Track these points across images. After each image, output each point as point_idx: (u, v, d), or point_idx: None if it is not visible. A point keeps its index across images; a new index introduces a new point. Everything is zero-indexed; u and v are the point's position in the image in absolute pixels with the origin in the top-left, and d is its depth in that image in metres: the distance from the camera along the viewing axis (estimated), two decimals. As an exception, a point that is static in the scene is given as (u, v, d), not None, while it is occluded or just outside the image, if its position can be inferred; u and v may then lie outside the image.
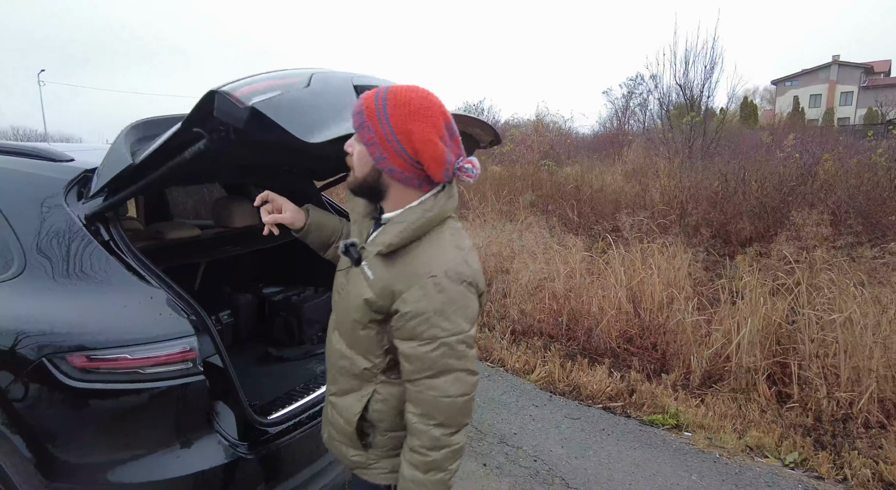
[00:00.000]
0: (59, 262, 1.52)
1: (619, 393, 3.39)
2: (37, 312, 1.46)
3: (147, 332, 1.42)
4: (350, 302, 1.16)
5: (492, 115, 21.84)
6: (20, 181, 1.66)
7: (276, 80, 1.36)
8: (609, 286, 4.54)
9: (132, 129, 1.57)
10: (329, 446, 1.34)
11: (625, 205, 7.31)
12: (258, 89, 1.26)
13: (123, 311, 1.44)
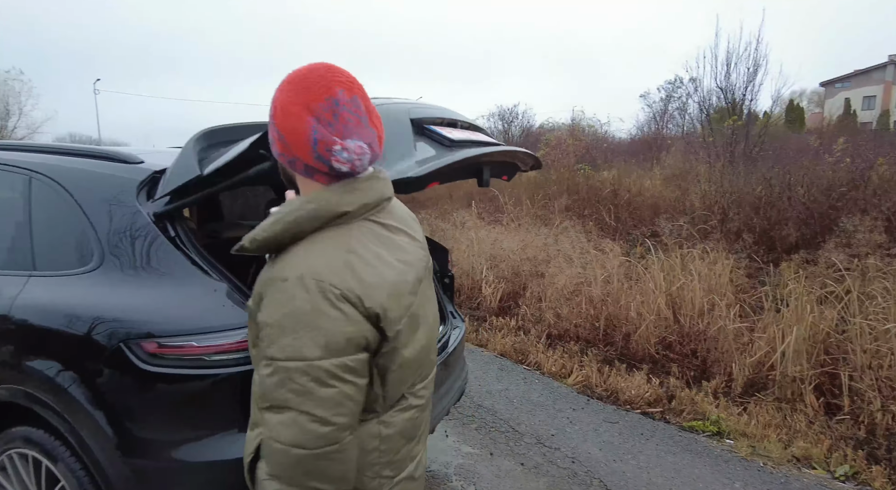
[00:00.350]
0: (132, 256, 1.64)
1: (658, 398, 3.35)
2: (114, 302, 1.57)
3: (211, 322, 1.52)
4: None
5: (526, 120, 21.78)
6: (99, 182, 1.80)
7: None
8: (648, 292, 4.49)
9: (201, 137, 1.69)
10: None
11: (664, 209, 7.20)
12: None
13: (189, 302, 1.55)
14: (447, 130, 2.03)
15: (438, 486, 2.45)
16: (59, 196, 1.81)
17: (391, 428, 0.95)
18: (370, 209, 0.93)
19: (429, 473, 2.54)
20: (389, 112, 1.62)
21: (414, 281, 0.96)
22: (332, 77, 0.89)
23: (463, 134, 2.09)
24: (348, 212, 0.90)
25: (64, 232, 1.78)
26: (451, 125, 2.11)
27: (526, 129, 21.27)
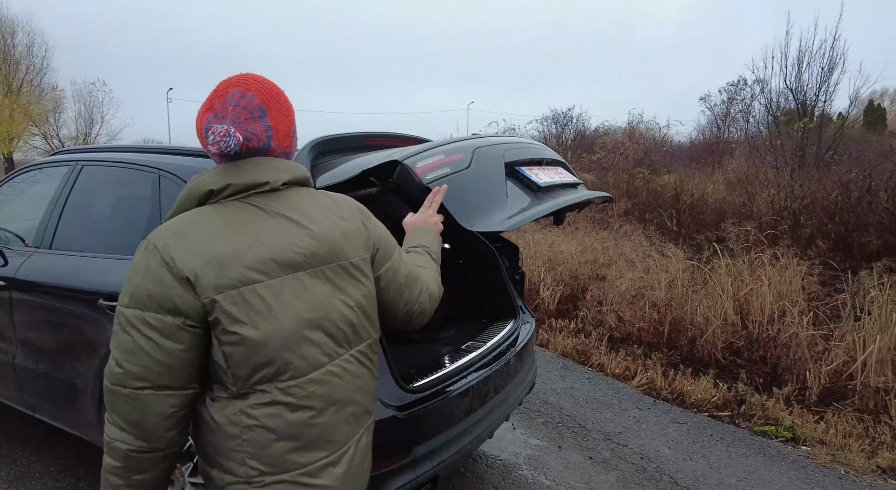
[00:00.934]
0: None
1: (727, 403, 3.32)
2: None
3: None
4: None
5: (581, 123, 21.50)
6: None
7: (446, 157, 1.80)
8: (714, 297, 4.41)
9: (314, 146, 1.90)
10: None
11: (729, 214, 7.00)
12: (431, 167, 1.70)
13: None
14: (535, 172, 2.25)
15: (509, 473, 2.55)
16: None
17: (253, 420, 0.93)
18: (240, 190, 0.98)
19: (499, 462, 2.65)
20: (486, 156, 1.95)
21: (266, 260, 0.94)
22: (238, 80, 1.02)
23: (549, 175, 2.30)
24: (213, 190, 0.97)
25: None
26: (537, 163, 2.30)
27: (580, 132, 21.00)
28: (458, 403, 1.95)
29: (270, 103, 1.02)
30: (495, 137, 2.22)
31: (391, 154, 1.78)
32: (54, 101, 26.28)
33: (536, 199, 2.05)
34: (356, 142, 2.27)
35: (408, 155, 1.71)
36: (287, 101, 1.07)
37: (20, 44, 24.40)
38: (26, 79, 24.87)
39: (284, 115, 1.05)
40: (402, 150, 1.82)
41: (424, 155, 1.74)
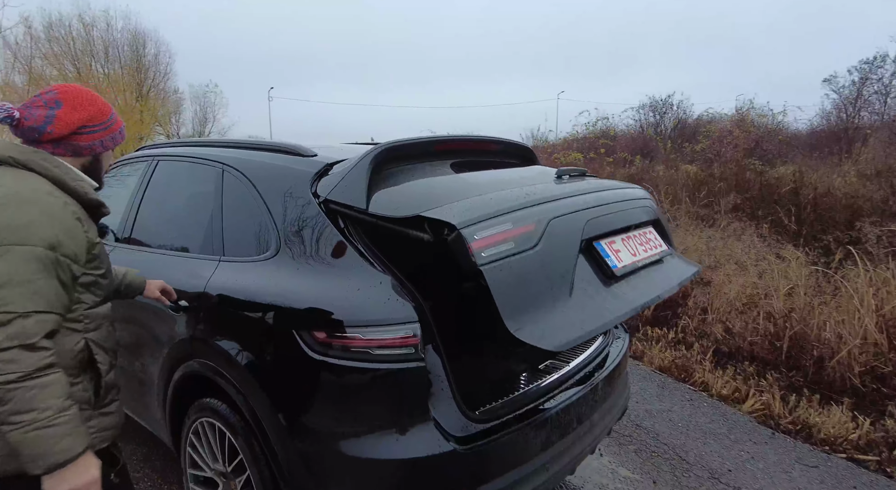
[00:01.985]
0: (304, 246, 1.69)
1: (872, 443, 2.72)
2: (289, 290, 1.63)
3: (377, 315, 1.49)
4: None
5: (682, 111, 19.92)
6: (277, 174, 1.90)
7: (514, 228, 1.55)
8: (849, 310, 3.71)
9: (378, 154, 1.73)
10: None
11: (866, 212, 5.97)
12: (492, 241, 1.46)
13: (357, 293, 1.53)
14: (616, 246, 1.92)
15: (594, 511, 2.22)
16: (246, 187, 1.94)
17: None
18: None
19: (582, 494, 2.32)
20: (562, 229, 1.67)
21: None
22: (58, 86, 1.33)
23: (633, 248, 1.97)
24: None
25: (249, 220, 1.89)
26: (624, 231, 2.00)
27: (681, 120, 19.45)
28: (534, 435, 1.66)
29: (67, 102, 1.29)
30: (579, 196, 1.87)
31: (451, 209, 1.54)
32: (175, 104, 29.11)
33: (607, 293, 1.74)
34: (425, 148, 2.05)
35: (469, 219, 1.47)
36: (91, 109, 1.33)
37: (149, 53, 27.14)
38: (153, 84, 27.63)
39: (78, 114, 1.30)
40: (466, 206, 1.57)
41: (488, 224, 1.50)
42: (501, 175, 2.12)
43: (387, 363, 1.48)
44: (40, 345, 1.11)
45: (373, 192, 1.67)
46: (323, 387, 1.53)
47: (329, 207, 1.68)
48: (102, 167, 1.43)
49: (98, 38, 24.61)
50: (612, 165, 12.81)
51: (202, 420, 1.88)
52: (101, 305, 1.37)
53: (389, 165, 1.83)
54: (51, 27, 22.61)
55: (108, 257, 1.42)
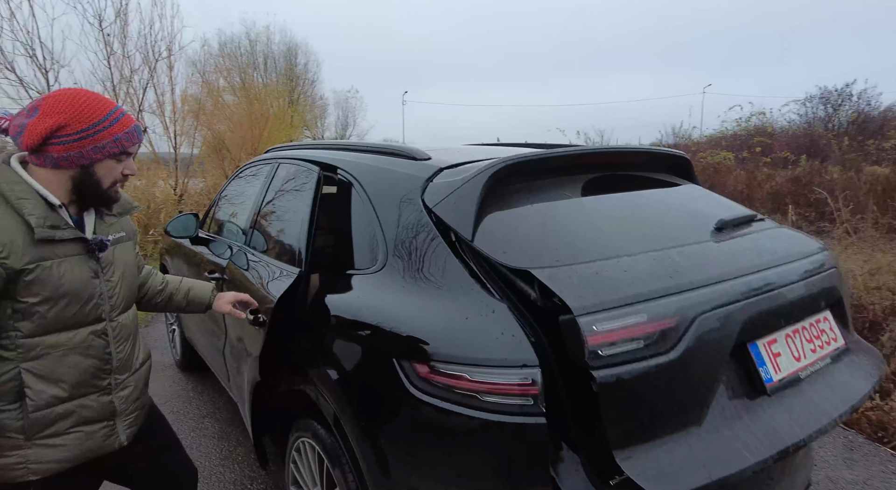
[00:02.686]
0: (411, 259, 1.48)
1: None
2: (393, 310, 1.43)
3: (487, 353, 1.22)
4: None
5: (863, 101, 16.82)
6: (387, 178, 1.72)
7: (648, 322, 1.20)
8: None
9: (498, 171, 1.49)
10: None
11: None
12: (616, 336, 1.17)
13: (465, 323, 1.28)
14: (778, 347, 1.44)
15: None
16: (357, 192, 1.79)
17: None
18: None
19: None
20: (712, 327, 1.28)
21: None
22: (51, 92, 1.27)
23: (798, 349, 1.49)
24: None
25: (359, 228, 1.75)
26: (793, 321, 1.50)
27: (862, 112, 16.42)
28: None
29: (43, 109, 1.20)
30: (742, 278, 1.42)
31: (572, 279, 1.26)
32: (321, 109, 31.74)
33: (751, 421, 1.30)
34: (552, 164, 1.68)
35: (593, 304, 1.18)
36: (63, 116, 1.19)
37: (300, 63, 29.92)
38: (302, 91, 30.38)
39: (50, 124, 1.18)
40: (592, 278, 1.28)
41: (616, 314, 1.18)
42: (644, 211, 1.73)
43: (498, 414, 1.20)
44: None
45: (483, 216, 1.43)
46: (423, 430, 1.30)
47: (438, 217, 1.46)
48: (101, 180, 1.27)
49: (259, 51, 27.69)
50: (770, 166, 11.18)
51: (304, 439, 1.77)
52: (49, 335, 1.24)
53: (509, 182, 1.56)
54: (225, 45, 25.94)
55: (70, 282, 1.24)
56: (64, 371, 1.26)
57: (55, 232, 1.22)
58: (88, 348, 1.30)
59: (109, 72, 7.77)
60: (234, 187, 3.04)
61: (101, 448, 1.35)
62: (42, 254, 1.20)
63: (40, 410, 1.24)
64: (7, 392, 1.21)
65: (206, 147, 12.54)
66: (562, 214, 1.57)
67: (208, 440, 2.87)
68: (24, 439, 1.23)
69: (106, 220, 1.38)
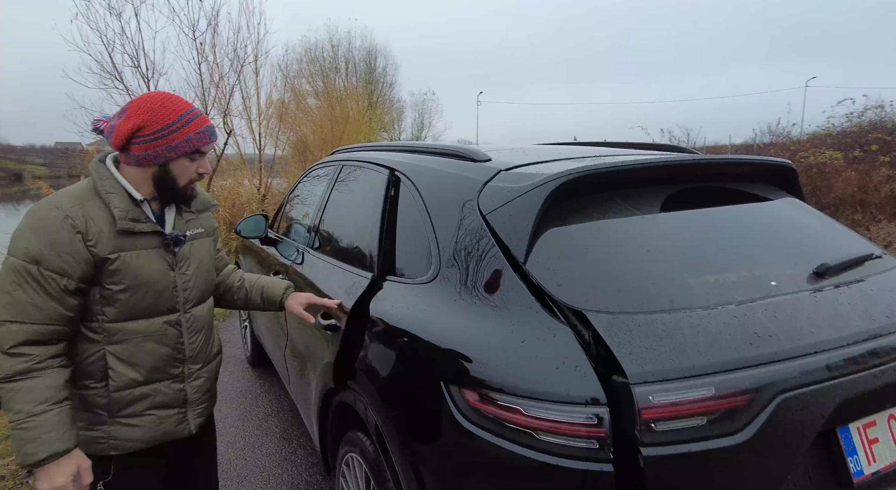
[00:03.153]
0: (465, 271, 1.35)
1: None
2: (443, 326, 1.31)
3: (545, 385, 1.06)
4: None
5: None
6: (442, 181, 1.60)
7: (716, 399, 1.00)
8: None
9: (563, 184, 1.30)
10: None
11: None
12: (676, 413, 0.99)
13: (521, 347, 1.13)
14: (876, 433, 1.16)
15: None
16: (412, 195, 1.69)
17: None
18: None
19: None
20: (791, 408, 1.03)
21: None
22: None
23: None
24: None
25: (413, 234, 1.64)
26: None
27: None
28: None
29: (128, 111, 1.28)
30: (844, 349, 1.13)
31: (631, 334, 1.07)
32: (398, 111, 32.42)
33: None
34: (630, 176, 1.43)
35: (652, 371, 1.01)
36: (142, 117, 1.26)
37: (379, 66, 30.74)
38: (380, 93, 31.18)
39: (132, 124, 1.26)
40: (657, 337, 1.07)
41: (679, 385, 1.00)
42: (730, 241, 1.41)
43: (556, 456, 1.04)
44: (15, 352, 1.17)
45: (541, 234, 1.27)
46: (470, 465, 1.16)
47: (492, 226, 1.32)
48: (177, 178, 1.33)
49: (341, 56, 28.77)
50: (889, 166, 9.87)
51: (352, 453, 1.70)
52: (129, 321, 1.32)
53: (576, 195, 1.36)
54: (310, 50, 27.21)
55: (148, 273, 1.31)
56: (141, 356, 1.34)
57: (135, 225, 1.30)
58: (163, 337, 1.37)
59: (200, 78, 8.29)
60: (302, 189, 3.06)
61: (172, 433, 1.43)
62: (124, 244, 1.29)
63: (120, 391, 1.33)
64: (95, 371, 1.31)
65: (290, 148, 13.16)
66: (632, 243, 1.32)
67: (270, 439, 2.91)
68: (108, 416, 1.33)
69: (185, 216, 1.44)
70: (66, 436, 1.21)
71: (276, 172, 11.70)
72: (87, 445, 1.32)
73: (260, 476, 2.55)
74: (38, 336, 1.20)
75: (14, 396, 1.17)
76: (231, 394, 3.47)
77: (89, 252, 1.23)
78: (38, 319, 1.20)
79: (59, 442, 1.19)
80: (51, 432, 1.18)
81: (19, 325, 1.18)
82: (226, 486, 2.46)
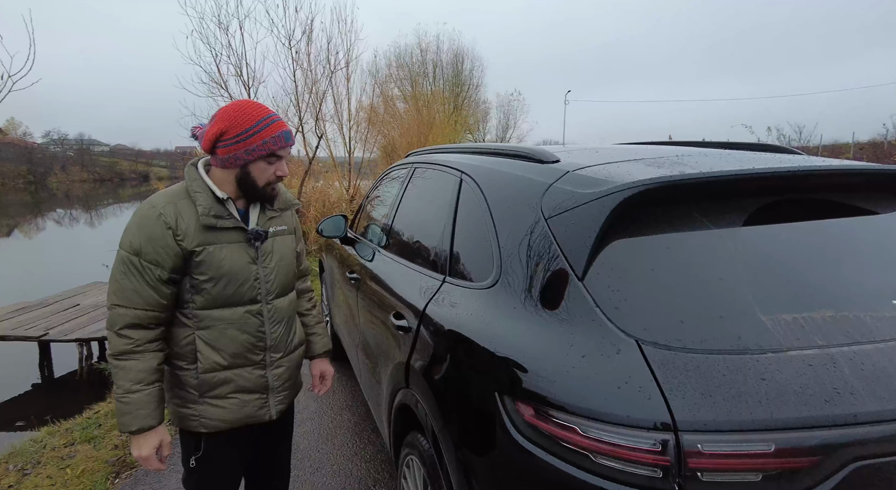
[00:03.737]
0: (526, 278, 1.29)
1: None
2: (500, 334, 1.26)
3: (605, 405, 0.98)
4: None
5: None
6: (507, 183, 1.55)
7: (778, 457, 0.88)
8: None
9: (640, 193, 1.17)
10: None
11: None
12: (726, 466, 0.89)
13: (582, 363, 1.05)
14: None
15: None
16: (477, 198, 1.66)
17: None
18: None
19: None
20: (866, 477, 0.90)
21: None
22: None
23: None
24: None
25: (476, 237, 1.60)
26: None
27: None
28: None
29: (215, 117, 1.40)
30: None
31: (692, 395, 0.95)
32: (483, 113, 32.49)
33: None
34: (733, 186, 1.24)
35: (705, 422, 0.91)
36: (225, 123, 1.37)
37: (466, 69, 30.99)
38: (466, 95, 31.43)
39: (217, 130, 1.38)
40: (716, 393, 0.94)
41: (735, 438, 0.90)
42: (820, 270, 1.18)
43: (615, 482, 0.95)
44: (122, 333, 1.33)
45: (604, 247, 1.17)
46: (523, 481, 1.10)
47: (553, 232, 1.25)
48: (256, 179, 1.43)
49: (429, 60, 29.35)
50: None
51: (412, 456, 1.69)
52: (215, 309, 1.43)
53: (651, 206, 1.22)
54: (400, 56, 28.07)
55: (230, 265, 1.42)
56: (225, 342, 1.45)
57: (217, 221, 1.41)
58: (244, 325, 1.47)
59: (294, 84, 8.83)
60: (378, 191, 3.13)
61: (254, 417, 1.53)
62: (208, 239, 1.40)
63: (207, 373, 1.45)
64: (187, 354, 1.44)
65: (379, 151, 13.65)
66: (703, 266, 1.15)
67: (343, 433, 3.00)
68: (198, 396, 1.46)
69: (268, 213, 1.54)
70: (153, 414, 1.37)
71: (364, 174, 12.18)
72: (182, 421, 1.48)
73: (331, 469, 2.64)
74: (138, 320, 1.34)
75: (118, 373, 1.34)
76: (309, 384, 3.63)
77: (178, 246, 1.35)
78: (140, 305, 1.34)
79: (147, 418, 1.35)
80: (142, 409, 1.34)
81: (125, 309, 1.33)
82: (300, 475, 2.57)
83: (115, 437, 3.07)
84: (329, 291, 3.80)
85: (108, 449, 2.93)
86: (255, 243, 1.47)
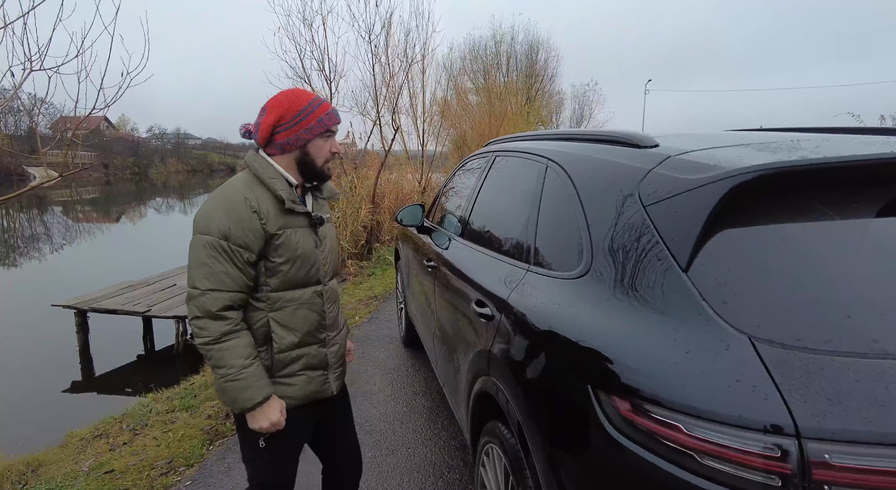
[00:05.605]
0: (622, 268, 1.23)
1: None
2: (594, 326, 1.21)
3: (713, 403, 0.92)
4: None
5: None
6: (599, 169, 1.48)
7: None
8: None
9: (758, 177, 1.07)
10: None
11: None
12: (857, 482, 0.80)
13: (686, 358, 0.99)
14: None
15: None
16: (565, 185, 1.60)
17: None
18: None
19: None
20: None
21: None
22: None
23: None
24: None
25: (563, 225, 1.56)
26: None
27: None
28: None
29: (267, 108, 1.47)
30: None
31: (816, 399, 0.87)
32: (557, 104, 31.76)
33: None
34: (870, 171, 1.10)
35: (833, 430, 0.83)
36: (279, 110, 1.46)
37: (540, 60, 30.39)
38: (540, 87, 30.82)
39: (273, 117, 1.46)
40: (847, 399, 0.85)
41: (869, 451, 0.81)
42: None
43: (724, 487, 0.89)
44: (221, 315, 1.37)
45: (711, 236, 1.08)
46: (618, 479, 1.06)
47: (653, 220, 1.18)
48: (315, 158, 1.50)
49: (503, 51, 29.03)
50: None
51: (492, 445, 1.68)
52: (288, 290, 1.48)
53: (763, 193, 1.11)
54: (474, 48, 28.01)
55: (303, 247, 1.48)
56: (297, 322, 1.52)
57: (295, 205, 1.48)
58: (313, 305, 1.55)
59: (373, 78, 9.03)
60: (456, 180, 3.14)
61: (318, 392, 1.61)
62: (286, 223, 1.47)
63: (282, 353, 1.51)
64: (260, 336, 1.49)
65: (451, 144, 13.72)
66: (828, 260, 1.03)
67: (417, 418, 3.05)
68: (270, 377, 1.51)
69: (319, 201, 1.63)
70: (267, 382, 1.45)
71: (436, 167, 12.29)
72: None
73: (406, 452, 2.70)
74: (232, 302, 1.41)
75: (223, 355, 1.38)
76: (385, 369, 3.73)
77: (263, 229, 1.41)
78: (232, 287, 1.40)
79: (267, 387, 1.44)
80: (259, 380, 1.42)
81: (220, 292, 1.38)
82: (375, 456, 2.65)
83: (209, 408, 3.31)
84: (405, 279, 3.87)
85: (203, 418, 3.17)
86: (318, 228, 1.55)
